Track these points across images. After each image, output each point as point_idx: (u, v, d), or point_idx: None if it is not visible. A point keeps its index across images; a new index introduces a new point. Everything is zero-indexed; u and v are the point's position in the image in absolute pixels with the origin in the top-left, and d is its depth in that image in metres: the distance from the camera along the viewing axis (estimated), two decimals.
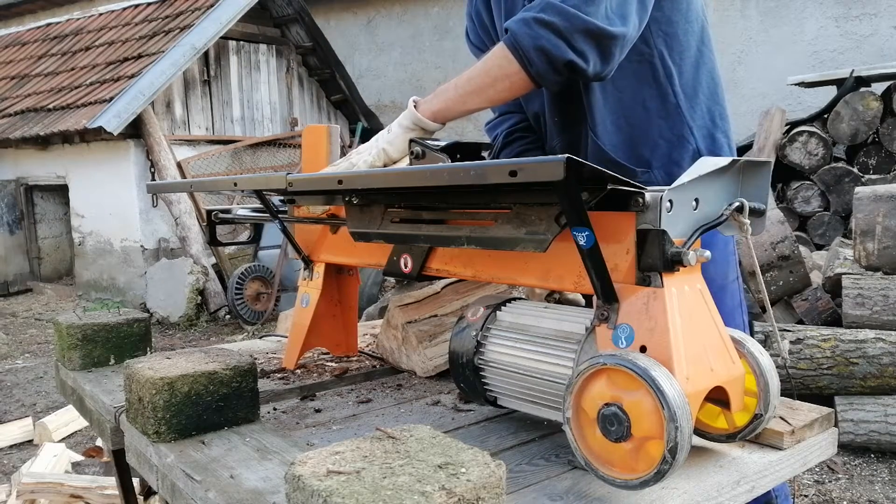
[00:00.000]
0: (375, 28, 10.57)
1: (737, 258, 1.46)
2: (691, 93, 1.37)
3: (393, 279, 6.49)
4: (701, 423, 0.99)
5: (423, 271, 1.21)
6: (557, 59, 1.17)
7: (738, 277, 1.45)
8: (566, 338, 0.99)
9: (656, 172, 1.37)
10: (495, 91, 1.25)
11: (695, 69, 1.37)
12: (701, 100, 1.38)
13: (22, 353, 5.74)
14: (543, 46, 1.17)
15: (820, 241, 5.12)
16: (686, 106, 1.36)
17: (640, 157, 1.37)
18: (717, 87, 1.42)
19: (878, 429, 3.12)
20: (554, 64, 1.18)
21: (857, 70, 5.35)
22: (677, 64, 1.35)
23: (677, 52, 1.34)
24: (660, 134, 1.36)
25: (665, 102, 1.35)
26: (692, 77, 1.37)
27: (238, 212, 1.60)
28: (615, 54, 1.21)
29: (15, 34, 10.10)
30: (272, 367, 1.52)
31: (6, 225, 8.21)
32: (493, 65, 1.23)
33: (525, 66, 1.19)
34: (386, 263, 1.27)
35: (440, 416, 1.22)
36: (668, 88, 1.35)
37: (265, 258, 6.58)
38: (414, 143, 1.22)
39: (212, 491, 0.93)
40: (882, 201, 3.24)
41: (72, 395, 1.53)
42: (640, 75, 1.34)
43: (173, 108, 7.55)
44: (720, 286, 1.38)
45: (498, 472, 0.71)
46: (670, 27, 1.33)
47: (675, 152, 1.37)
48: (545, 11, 1.17)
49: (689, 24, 1.35)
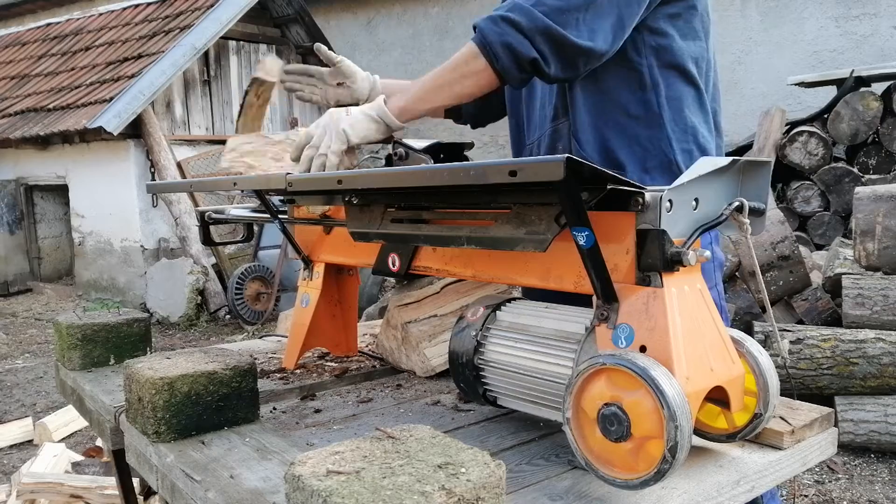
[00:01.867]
0: (375, 28, 10.57)
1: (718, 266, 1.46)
2: (677, 105, 1.38)
3: (393, 279, 6.49)
4: (701, 423, 0.99)
5: (410, 269, 1.22)
6: (522, 57, 1.21)
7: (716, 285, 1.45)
8: (566, 338, 0.99)
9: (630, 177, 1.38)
10: (461, 87, 1.28)
11: (685, 85, 1.39)
12: (686, 115, 1.39)
13: (22, 353, 5.75)
14: (510, 43, 1.21)
15: (820, 241, 5.12)
16: (668, 118, 1.37)
17: (615, 161, 1.38)
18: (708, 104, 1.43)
19: (878, 429, 3.12)
20: (518, 60, 1.22)
21: (857, 70, 5.35)
22: (665, 77, 1.36)
23: (667, 65, 1.36)
24: (637, 140, 1.38)
25: (648, 111, 1.37)
26: (681, 92, 1.38)
27: (231, 212, 1.60)
28: (579, 65, 1.24)
29: (15, 34, 10.10)
30: (272, 367, 1.52)
31: (6, 225, 8.22)
32: (461, 61, 1.27)
33: (491, 61, 1.23)
34: (374, 262, 1.28)
35: (440, 416, 1.22)
36: (652, 98, 1.36)
37: (265, 258, 6.58)
38: (397, 145, 1.23)
39: (212, 491, 0.93)
40: (882, 201, 3.25)
41: (72, 395, 1.53)
42: (626, 81, 1.36)
43: (173, 108, 7.55)
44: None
45: (498, 472, 0.71)
46: (664, 40, 1.35)
47: (650, 160, 1.38)
48: (513, 11, 1.22)
49: (686, 42, 1.37)
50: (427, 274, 1.22)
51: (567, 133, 1.43)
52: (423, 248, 1.20)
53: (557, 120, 1.45)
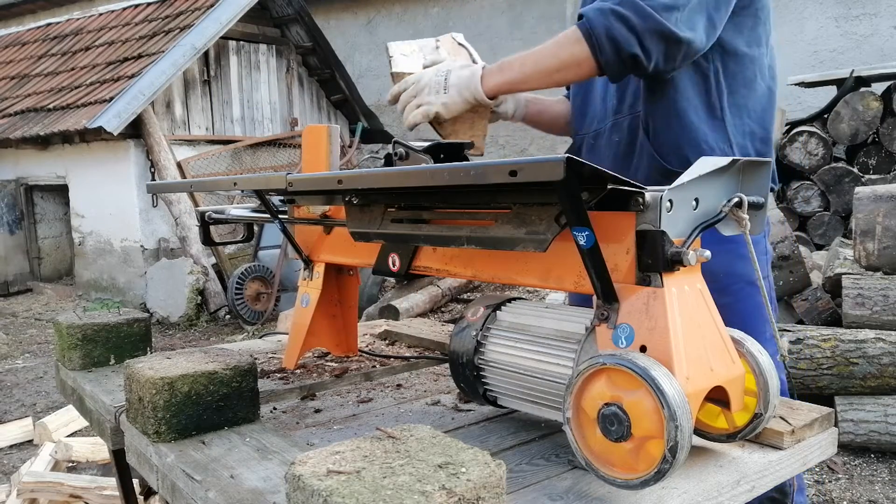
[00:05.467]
0: (375, 28, 10.57)
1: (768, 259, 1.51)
2: (737, 112, 1.43)
3: (394, 280, 6.49)
4: (701, 423, 0.99)
5: (411, 269, 1.22)
6: (625, 52, 1.24)
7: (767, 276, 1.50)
8: (566, 338, 0.99)
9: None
10: (561, 75, 1.32)
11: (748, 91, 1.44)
12: (746, 121, 1.44)
13: (22, 353, 5.75)
14: (615, 37, 1.24)
15: (820, 241, 5.12)
16: (731, 122, 1.42)
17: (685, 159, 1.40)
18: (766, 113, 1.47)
19: (878, 429, 3.12)
20: (621, 55, 1.25)
21: (857, 70, 5.35)
22: (729, 83, 1.42)
23: (732, 72, 1.41)
24: (705, 140, 1.42)
25: (712, 114, 1.42)
26: (743, 98, 1.43)
27: (231, 212, 1.60)
28: (678, 58, 1.28)
29: (15, 34, 10.10)
30: (272, 367, 1.52)
31: (6, 225, 8.21)
32: (565, 49, 1.29)
33: (595, 52, 1.26)
34: (375, 262, 1.28)
35: (440, 416, 1.22)
36: (717, 102, 1.41)
37: (265, 258, 6.58)
38: (397, 144, 1.23)
39: (212, 491, 0.93)
40: (882, 201, 3.25)
41: (72, 395, 1.53)
42: (695, 83, 1.40)
43: (173, 108, 7.55)
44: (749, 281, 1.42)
45: (498, 471, 0.71)
46: (731, 46, 1.40)
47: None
48: (623, 5, 1.24)
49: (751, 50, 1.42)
50: (427, 274, 1.22)
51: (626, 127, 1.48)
52: (424, 248, 1.20)
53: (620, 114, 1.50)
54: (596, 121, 1.57)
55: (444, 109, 1.38)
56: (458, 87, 1.37)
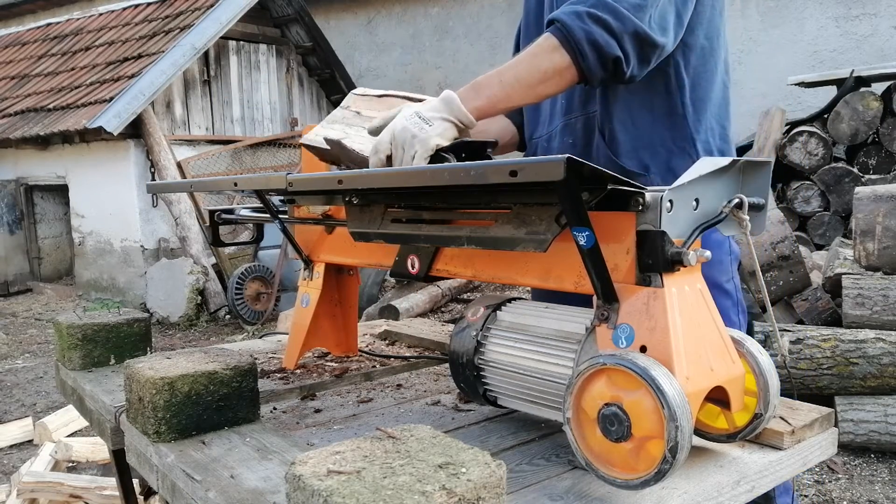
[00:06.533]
0: (375, 28, 10.57)
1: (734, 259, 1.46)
2: (700, 106, 1.38)
3: (393, 279, 6.49)
4: (701, 423, 0.99)
5: (430, 272, 1.20)
6: (606, 56, 1.17)
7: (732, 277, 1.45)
8: (566, 338, 0.99)
9: (653, 177, 1.38)
10: (544, 87, 1.20)
11: (708, 84, 1.39)
12: (708, 116, 1.40)
13: (22, 353, 5.74)
14: (596, 41, 1.15)
15: (820, 241, 5.12)
16: (692, 118, 1.37)
17: (640, 161, 1.38)
18: (727, 106, 1.44)
19: (878, 429, 3.12)
20: (603, 60, 1.17)
21: (857, 70, 5.35)
22: (690, 77, 1.36)
23: (693, 65, 1.35)
24: (661, 141, 1.37)
25: (672, 112, 1.37)
26: (704, 92, 1.39)
27: (241, 212, 1.60)
28: (651, 61, 1.23)
29: (15, 34, 10.10)
30: (272, 367, 1.52)
31: (6, 225, 8.21)
32: (543, 59, 1.19)
33: (577, 59, 1.17)
34: (393, 264, 1.27)
35: (440, 416, 1.22)
36: (677, 98, 1.36)
37: (265, 258, 6.58)
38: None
39: (212, 491, 0.93)
40: (882, 201, 3.25)
41: (72, 395, 1.53)
42: (653, 81, 1.34)
43: (173, 108, 7.55)
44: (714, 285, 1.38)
45: (498, 471, 0.71)
46: (691, 39, 1.34)
47: (674, 160, 1.38)
48: (597, 8, 1.16)
49: (710, 41, 1.37)
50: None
51: (581, 128, 1.43)
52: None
53: (570, 114, 1.44)
54: (547, 123, 1.50)
55: (440, 140, 1.19)
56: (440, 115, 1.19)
